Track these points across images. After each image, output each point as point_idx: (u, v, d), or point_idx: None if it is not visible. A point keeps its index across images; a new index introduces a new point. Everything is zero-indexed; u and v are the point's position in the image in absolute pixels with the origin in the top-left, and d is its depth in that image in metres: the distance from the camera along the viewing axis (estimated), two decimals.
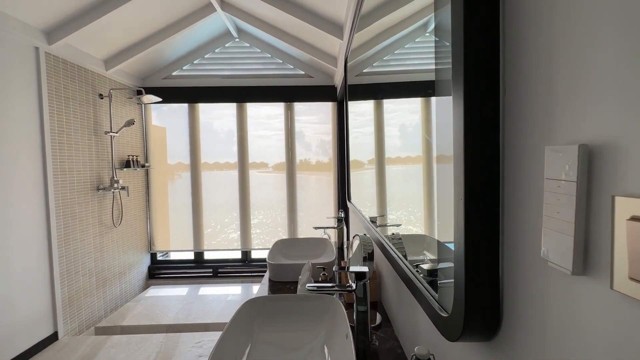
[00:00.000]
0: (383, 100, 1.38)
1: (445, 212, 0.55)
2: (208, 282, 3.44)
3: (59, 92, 2.37)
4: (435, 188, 0.64)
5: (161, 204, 3.52)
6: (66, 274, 2.38)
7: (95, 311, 2.67)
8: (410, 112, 1.09)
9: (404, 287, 0.90)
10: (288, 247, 1.90)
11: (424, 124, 0.93)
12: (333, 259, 1.56)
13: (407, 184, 1.01)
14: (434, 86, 0.68)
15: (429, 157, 0.87)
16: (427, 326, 0.73)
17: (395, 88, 1.20)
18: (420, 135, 0.93)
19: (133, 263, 3.22)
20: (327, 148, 3.55)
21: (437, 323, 0.53)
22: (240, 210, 3.51)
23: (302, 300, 1.07)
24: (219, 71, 3.41)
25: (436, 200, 0.64)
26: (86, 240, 2.59)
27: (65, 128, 2.42)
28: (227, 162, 3.52)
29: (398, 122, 1.10)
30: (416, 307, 0.80)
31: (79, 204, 2.52)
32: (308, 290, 0.86)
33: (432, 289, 0.60)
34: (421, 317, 0.76)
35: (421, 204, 0.89)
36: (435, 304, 0.56)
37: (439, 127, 0.61)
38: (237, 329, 0.95)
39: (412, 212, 0.94)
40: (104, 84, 2.86)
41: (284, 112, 3.50)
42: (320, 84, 3.43)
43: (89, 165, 2.65)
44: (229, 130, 3.51)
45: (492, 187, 0.42)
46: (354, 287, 0.86)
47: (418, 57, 1.05)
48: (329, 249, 1.84)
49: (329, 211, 3.54)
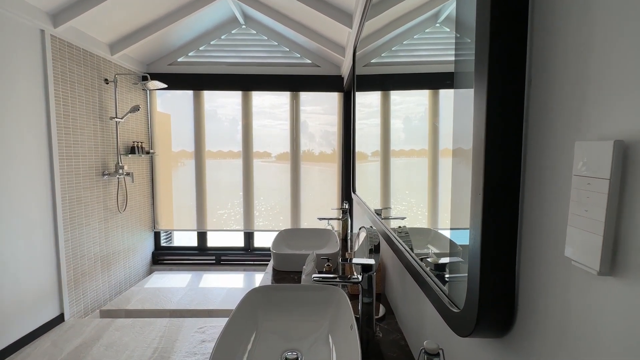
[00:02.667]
0: (390, 92, 1.35)
1: (458, 207, 0.54)
2: (211, 270, 3.48)
3: (64, 76, 2.35)
4: (448, 181, 0.63)
5: (165, 191, 3.53)
6: (72, 257, 2.41)
7: (100, 295, 2.72)
8: (417, 104, 1.07)
9: (409, 280, 0.90)
10: (292, 237, 1.90)
11: (431, 117, 0.91)
12: (337, 250, 1.56)
13: (413, 177, 1.00)
14: (448, 78, 0.66)
15: (435, 151, 0.86)
16: (434, 319, 0.73)
17: (403, 80, 1.17)
18: (427, 128, 0.91)
19: (137, 248, 3.25)
20: (330, 139, 3.52)
21: (446, 318, 0.53)
22: (243, 194, 3.52)
23: (307, 291, 1.07)
24: (225, 58, 3.37)
25: (446, 193, 0.63)
26: (91, 225, 2.61)
27: (71, 113, 2.42)
28: (231, 150, 3.51)
29: (406, 114, 1.08)
30: (422, 301, 0.79)
31: (84, 189, 2.53)
32: (314, 281, 0.86)
33: (440, 283, 0.60)
34: (428, 311, 0.76)
35: (426, 197, 0.88)
36: (445, 298, 0.55)
37: (455, 119, 0.60)
38: (242, 317, 0.96)
39: (416, 205, 0.93)
40: (109, 68, 2.83)
41: (290, 101, 3.46)
42: (327, 74, 3.38)
43: (94, 151, 2.65)
44: (232, 118, 3.49)
45: (513, 183, 0.40)
46: (359, 279, 0.86)
47: (428, 48, 1.02)
48: (333, 240, 1.84)
49: (331, 202, 3.54)
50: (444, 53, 0.86)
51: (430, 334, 0.75)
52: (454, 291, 0.53)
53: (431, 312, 0.74)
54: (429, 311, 0.75)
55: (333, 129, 3.51)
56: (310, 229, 1.98)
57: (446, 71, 0.76)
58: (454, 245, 0.59)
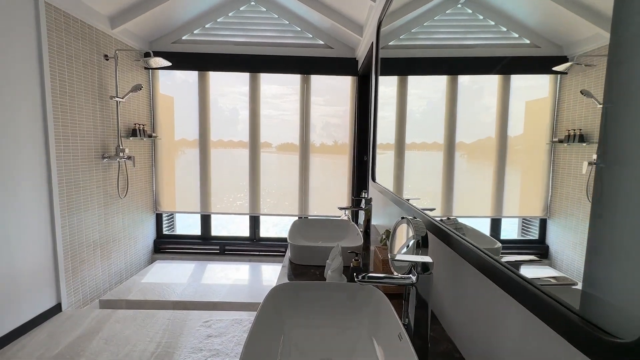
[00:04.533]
0: (452, 77, 1.18)
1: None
2: (215, 260, 3.35)
3: (60, 49, 2.17)
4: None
5: (168, 174, 3.37)
6: (69, 244, 2.27)
7: (100, 284, 2.59)
8: (479, 92, 0.92)
9: (472, 282, 0.75)
10: (307, 228, 1.75)
11: (500, 105, 0.82)
12: (360, 243, 1.41)
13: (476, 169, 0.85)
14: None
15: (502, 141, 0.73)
16: (519, 333, 0.58)
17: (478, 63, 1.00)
18: (494, 116, 0.78)
19: (138, 236, 3.11)
20: (331, 131, 3.34)
21: (586, 346, 0.38)
22: (249, 179, 3.37)
23: (340, 290, 0.92)
24: (232, 37, 3.17)
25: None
26: (90, 211, 2.46)
27: (68, 90, 2.24)
28: (241, 140, 3.34)
29: (479, 103, 0.92)
30: (500, 310, 0.64)
31: (82, 172, 2.38)
32: (360, 282, 0.71)
33: (556, 295, 0.45)
34: (513, 324, 0.60)
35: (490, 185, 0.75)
36: (574, 316, 0.40)
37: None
38: (267, 320, 0.81)
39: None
40: (109, 44, 2.64)
41: (300, 84, 3.28)
42: (341, 56, 3.19)
43: (94, 132, 2.48)
44: (233, 108, 3.31)
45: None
46: (413, 279, 0.71)
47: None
48: (353, 231, 1.69)
49: (339, 193, 3.39)
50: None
51: (513, 351, 0.60)
52: (598, 308, 0.38)
53: (519, 325, 0.59)
54: (514, 324, 0.60)
55: (334, 121, 3.33)
56: (326, 219, 1.83)
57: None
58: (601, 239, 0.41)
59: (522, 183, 0.74)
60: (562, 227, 0.56)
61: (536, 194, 0.66)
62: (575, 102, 0.56)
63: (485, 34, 0.95)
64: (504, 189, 0.79)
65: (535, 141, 0.68)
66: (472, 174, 0.95)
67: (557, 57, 0.61)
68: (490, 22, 0.92)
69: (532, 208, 0.69)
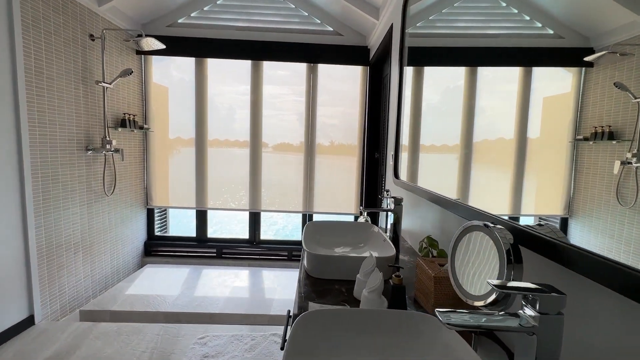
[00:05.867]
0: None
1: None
2: (211, 264, 3.07)
3: (37, 22, 1.89)
4: None
5: (161, 168, 3.09)
6: (45, 247, 1.98)
7: (82, 291, 2.30)
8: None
9: (606, 316, 0.49)
10: (323, 232, 1.49)
11: (521, 101, 0.77)
12: (392, 253, 1.15)
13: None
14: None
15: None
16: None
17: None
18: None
19: (127, 237, 2.83)
20: (328, 132, 3.09)
21: None
22: (250, 173, 3.10)
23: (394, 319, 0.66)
24: (233, 21, 2.90)
25: None
26: (71, 209, 2.18)
27: (46, 70, 1.96)
28: (233, 131, 3.07)
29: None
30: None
31: (62, 166, 2.09)
32: (448, 325, 0.45)
33: None
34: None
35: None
36: None
37: None
38: None
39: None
40: (95, 22, 2.36)
41: (306, 74, 3.02)
42: (351, 44, 2.93)
43: (76, 120, 2.20)
44: (229, 107, 3.04)
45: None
46: (532, 322, 0.46)
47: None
48: (377, 237, 1.43)
49: (346, 188, 3.13)
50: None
51: None
52: None
53: None
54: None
55: (332, 122, 3.07)
56: (344, 222, 1.57)
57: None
58: None
59: (540, 181, 0.72)
60: (588, 228, 0.55)
61: (556, 192, 0.64)
62: (603, 96, 0.53)
63: (507, 22, 0.91)
64: (522, 187, 0.78)
65: (554, 139, 0.66)
66: (489, 172, 0.94)
67: (583, 49, 0.58)
68: (514, 9, 0.87)
69: (552, 206, 0.67)
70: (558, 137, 0.65)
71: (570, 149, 0.61)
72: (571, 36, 0.63)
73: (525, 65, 0.80)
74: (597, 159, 0.55)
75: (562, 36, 0.65)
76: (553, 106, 0.69)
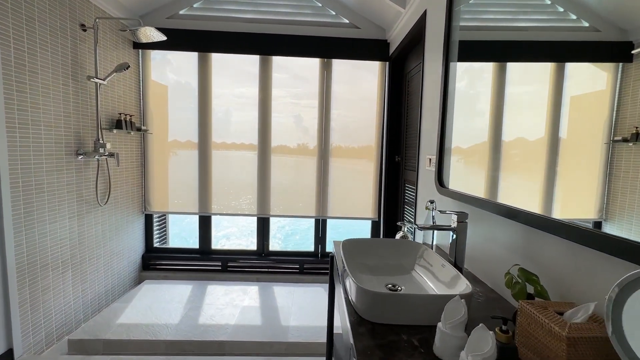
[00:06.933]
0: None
1: None
2: (216, 279, 2.80)
3: (17, 6, 1.62)
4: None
5: (160, 176, 2.81)
6: (27, 267, 1.71)
7: (71, 316, 2.02)
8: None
9: None
10: (363, 253, 1.24)
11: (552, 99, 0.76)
12: (469, 290, 0.88)
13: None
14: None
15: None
16: None
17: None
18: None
19: (123, 251, 2.55)
20: (342, 132, 2.83)
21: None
22: (258, 176, 2.84)
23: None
24: (240, 13, 2.65)
25: None
26: (59, 222, 1.90)
27: (28, 62, 1.69)
28: (239, 140, 2.81)
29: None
30: None
31: (48, 173, 1.82)
32: None
33: None
34: None
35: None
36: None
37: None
38: None
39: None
40: (87, 11, 2.10)
41: (319, 70, 2.77)
42: (369, 37, 2.69)
43: (64, 121, 1.93)
44: (244, 94, 2.78)
45: None
46: None
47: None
48: (431, 260, 1.17)
49: (361, 197, 2.88)
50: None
51: None
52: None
53: None
54: None
55: (345, 121, 2.82)
56: (386, 241, 1.31)
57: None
58: None
59: (568, 184, 0.71)
60: (626, 233, 0.54)
61: (589, 195, 0.63)
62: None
63: (539, 14, 0.87)
64: (553, 191, 0.76)
65: (586, 140, 0.63)
66: (519, 172, 0.93)
67: (620, 43, 0.54)
68: (547, 0, 0.83)
69: (584, 209, 0.65)
70: (589, 138, 0.61)
71: (605, 150, 0.57)
72: (608, 29, 0.58)
73: (557, 61, 0.75)
74: (637, 162, 0.51)
75: (598, 29, 0.61)
76: (583, 105, 0.64)
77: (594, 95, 0.62)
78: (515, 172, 0.98)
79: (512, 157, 0.99)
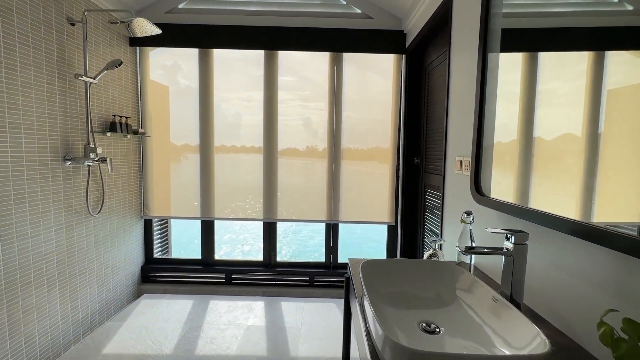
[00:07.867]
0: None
1: None
2: (219, 292, 2.59)
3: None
4: None
5: (161, 181, 2.63)
6: (5, 288, 1.52)
7: (59, 337, 1.83)
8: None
9: None
10: (384, 277, 1.00)
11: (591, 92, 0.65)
12: (545, 349, 0.63)
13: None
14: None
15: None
16: None
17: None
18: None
19: (119, 263, 2.36)
20: (354, 132, 2.59)
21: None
22: (264, 179, 2.62)
23: None
24: (243, 5, 2.46)
25: None
26: (43, 236, 1.72)
27: (5, 58, 1.51)
28: (242, 142, 2.61)
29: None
30: None
31: (30, 181, 1.64)
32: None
33: None
34: None
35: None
36: None
37: None
38: None
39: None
40: (76, 3, 1.92)
41: (329, 66, 2.55)
42: (383, 28, 2.46)
43: (50, 123, 1.75)
44: (249, 94, 2.58)
45: None
46: None
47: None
48: (474, 290, 0.93)
49: (376, 201, 2.63)
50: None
51: None
52: None
53: None
54: None
55: (358, 120, 2.58)
56: (412, 261, 1.07)
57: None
58: None
59: (608, 186, 0.64)
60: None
61: (633, 196, 0.57)
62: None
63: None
64: (594, 192, 0.67)
65: (626, 137, 0.57)
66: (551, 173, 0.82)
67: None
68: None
69: (630, 213, 0.59)
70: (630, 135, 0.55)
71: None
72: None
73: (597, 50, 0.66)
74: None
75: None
76: (622, 99, 0.56)
77: (633, 89, 0.55)
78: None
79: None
